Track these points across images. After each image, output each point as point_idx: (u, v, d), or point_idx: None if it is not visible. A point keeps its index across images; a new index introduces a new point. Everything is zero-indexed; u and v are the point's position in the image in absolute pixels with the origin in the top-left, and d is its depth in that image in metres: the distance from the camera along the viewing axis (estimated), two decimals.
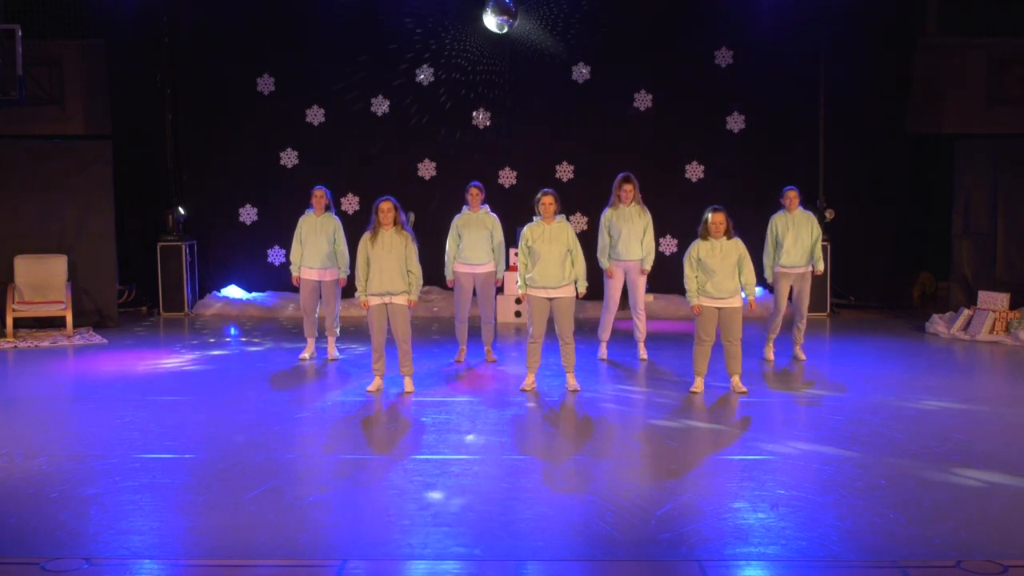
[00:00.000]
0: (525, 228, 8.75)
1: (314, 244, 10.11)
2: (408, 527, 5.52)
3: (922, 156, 14.29)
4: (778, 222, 10.20)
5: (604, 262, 10.17)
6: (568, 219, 9.04)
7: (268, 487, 6.25)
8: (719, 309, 8.63)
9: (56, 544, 5.27)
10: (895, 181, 13.92)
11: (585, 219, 13.84)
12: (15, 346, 11.34)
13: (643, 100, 13.86)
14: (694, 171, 13.93)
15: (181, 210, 13.77)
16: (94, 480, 6.38)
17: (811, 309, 13.25)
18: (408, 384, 8.89)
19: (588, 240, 12.92)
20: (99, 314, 12.69)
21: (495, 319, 10.38)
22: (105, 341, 11.68)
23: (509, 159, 14.00)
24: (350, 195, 14.05)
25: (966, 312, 11.80)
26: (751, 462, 6.77)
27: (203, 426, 7.80)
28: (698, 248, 8.64)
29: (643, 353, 10.33)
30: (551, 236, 8.63)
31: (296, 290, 11.66)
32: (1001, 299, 11.64)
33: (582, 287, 8.70)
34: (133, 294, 14.13)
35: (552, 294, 8.66)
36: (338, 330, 10.53)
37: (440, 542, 5.30)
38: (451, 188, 13.85)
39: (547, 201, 8.66)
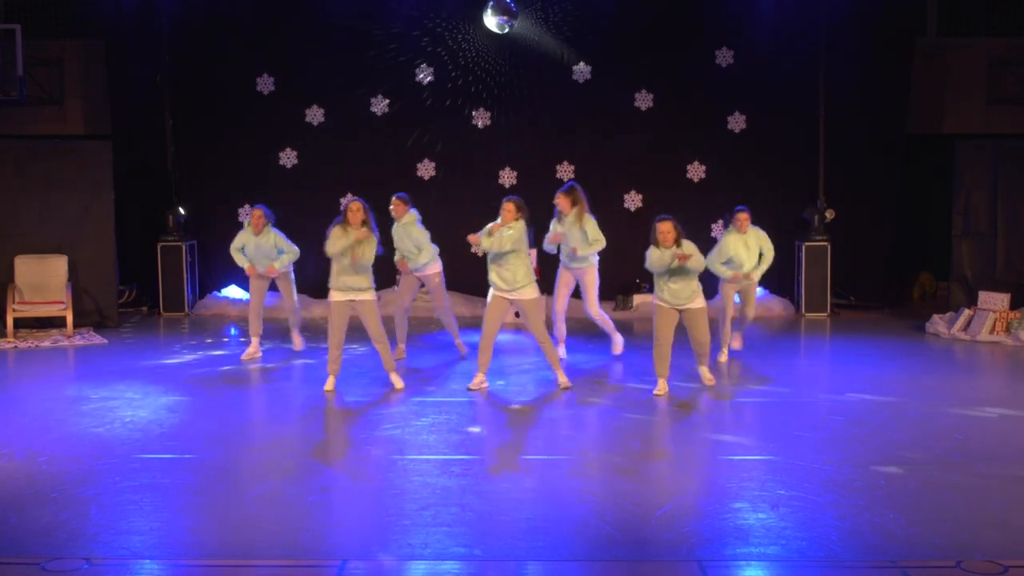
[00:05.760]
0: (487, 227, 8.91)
1: (260, 258, 10.32)
2: (408, 527, 5.53)
3: (922, 156, 14.29)
4: (729, 243, 10.09)
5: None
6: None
7: (268, 487, 6.25)
8: (680, 311, 8.62)
9: (56, 544, 5.27)
10: (895, 181, 13.91)
11: None
12: (15, 346, 11.34)
13: (644, 100, 13.85)
14: (695, 171, 13.93)
15: (181, 210, 13.76)
16: (94, 480, 6.38)
17: (812, 309, 13.35)
18: (396, 380, 8.95)
19: None
20: (99, 314, 12.68)
21: (452, 313, 10.56)
22: (105, 341, 11.68)
23: (509, 159, 13.98)
24: (349, 195, 14.01)
25: (966, 312, 11.80)
26: (751, 462, 6.77)
27: (203, 426, 7.80)
28: (652, 254, 8.58)
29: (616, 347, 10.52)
30: (504, 233, 8.76)
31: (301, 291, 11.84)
32: (1001, 299, 11.64)
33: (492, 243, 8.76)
34: (133, 294, 14.12)
35: (511, 296, 8.86)
36: (299, 317, 10.70)
37: (440, 542, 5.30)
38: (451, 188, 13.86)
39: (507, 208, 8.80)
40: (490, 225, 8.90)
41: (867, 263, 13.98)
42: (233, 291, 14.21)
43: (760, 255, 10.14)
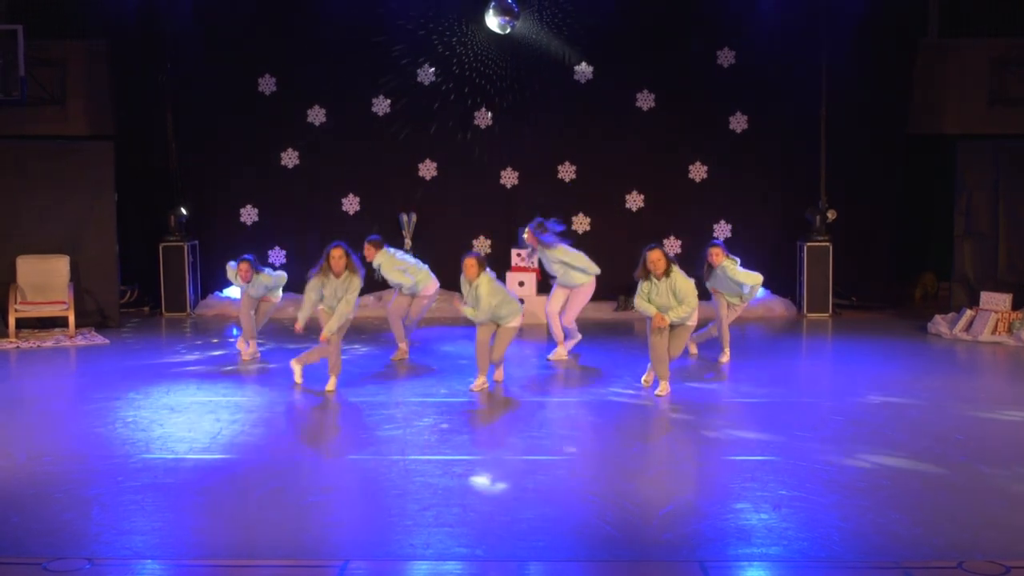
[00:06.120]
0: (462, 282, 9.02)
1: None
2: (410, 527, 5.53)
3: (923, 156, 14.28)
4: (705, 279, 10.13)
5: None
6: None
7: (270, 487, 6.26)
8: (672, 325, 8.64)
9: (58, 544, 5.27)
10: (896, 181, 13.90)
11: (588, 220, 13.83)
12: (17, 346, 11.34)
13: (645, 100, 13.85)
14: (697, 171, 13.92)
15: (183, 210, 13.77)
16: (96, 480, 6.39)
17: (813, 310, 13.34)
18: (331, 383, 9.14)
19: (590, 240, 12.96)
20: (101, 314, 12.68)
21: (413, 334, 10.87)
22: (107, 341, 11.68)
23: (511, 159, 13.98)
24: (351, 196, 14.04)
25: (968, 313, 11.79)
26: (753, 463, 6.77)
27: (205, 426, 7.80)
28: (642, 289, 8.60)
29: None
30: (477, 295, 8.80)
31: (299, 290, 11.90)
32: (1003, 300, 11.63)
33: (469, 312, 8.89)
34: (135, 294, 14.12)
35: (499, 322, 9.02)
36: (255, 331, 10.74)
37: (442, 542, 5.31)
38: (452, 188, 13.86)
39: (468, 263, 8.87)
40: (463, 287, 8.99)
41: (869, 263, 13.98)
42: (235, 291, 14.19)
43: (743, 287, 10.06)
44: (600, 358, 10.50)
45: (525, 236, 10.53)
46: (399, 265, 10.31)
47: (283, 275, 10.76)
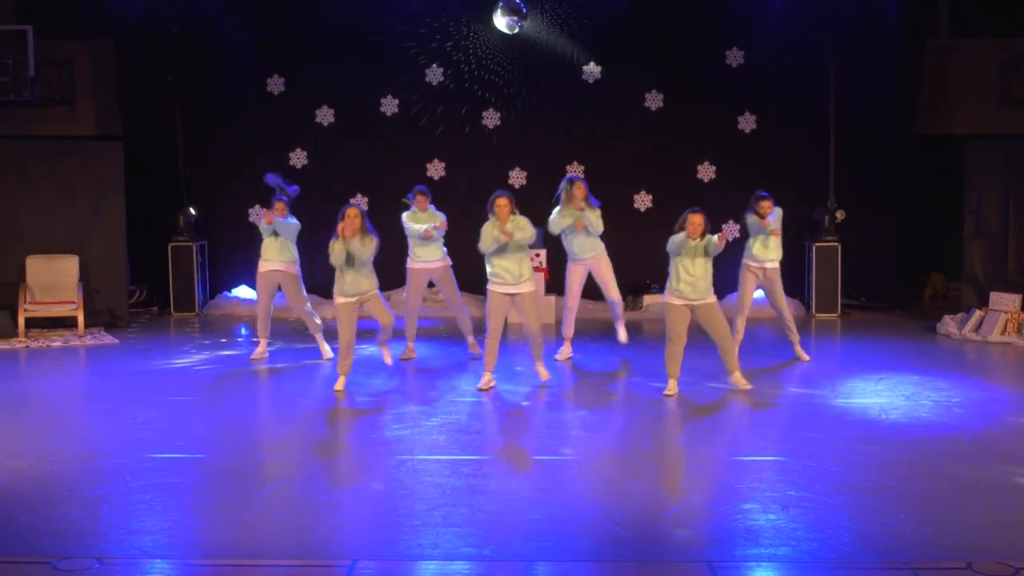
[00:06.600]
0: (485, 225, 8.93)
1: (274, 241, 10.54)
2: (418, 527, 5.53)
3: (933, 156, 14.24)
4: (751, 226, 10.20)
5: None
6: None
7: (278, 487, 6.27)
8: (692, 309, 8.61)
9: (67, 543, 5.29)
10: (906, 181, 13.86)
11: None
12: (27, 346, 11.38)
13: (654, 100, 13.83)
14: (706, 171, 13.90)
15: (192, 210, 13.79)
16: (105, 480, 6.40)
17: (822, 310, 13.31)
18: (386, 354, 9.43)
19: None
20: (110, 314, 12.71)
21: (466, 309, 10.65)
22: (116, 341, 11.71)
23: (519, 159, 13.98)
24: (359, 195, 14.05)
25: (977, 313, 11.76)
26: (761, 463, 6.76)
27: (213, 426, 7.82)
28: (676, 238, 8.64)
29: (622, 334, 10.44)
30: (519, 226, 8.80)
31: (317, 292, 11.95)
32: (1012, 300, 11.59)
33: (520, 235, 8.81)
34: (144, 294, 14.14)
35: (511, 290, 8.88)
36: (319, 320, 10.59)
37: (450, 542, 5.31)
38: (460, 188, 13.86)
39: (501, 203, 8.84)
40: (492, 227, 8.87)
41: (878, 264, 13.94)
42: (243, 291, 14.23)
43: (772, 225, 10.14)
44: (607, 358, 10.50)
45: (576, 187, 10.01)
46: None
47: (297, 224, 10.77)
